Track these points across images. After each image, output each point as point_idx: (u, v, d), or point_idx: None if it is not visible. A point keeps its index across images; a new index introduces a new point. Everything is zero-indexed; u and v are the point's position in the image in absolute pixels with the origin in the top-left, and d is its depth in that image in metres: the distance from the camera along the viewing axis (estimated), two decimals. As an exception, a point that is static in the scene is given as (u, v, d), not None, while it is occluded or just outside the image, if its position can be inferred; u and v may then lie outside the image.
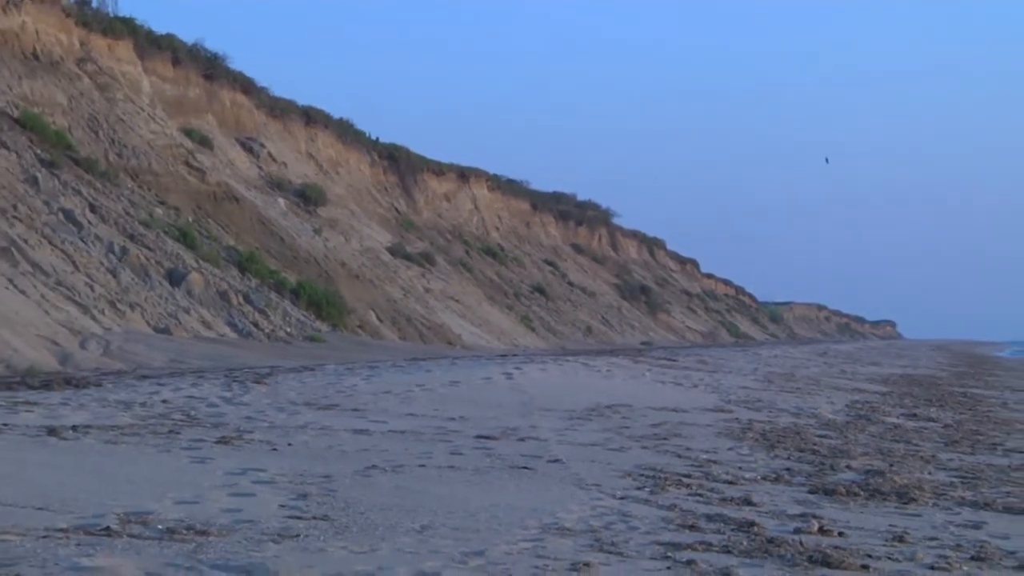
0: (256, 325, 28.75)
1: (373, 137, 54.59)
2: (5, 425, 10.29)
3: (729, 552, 6.77)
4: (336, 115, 51.81)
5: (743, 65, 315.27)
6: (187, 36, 43.82)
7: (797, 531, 7.53)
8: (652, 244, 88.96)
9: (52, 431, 10.10)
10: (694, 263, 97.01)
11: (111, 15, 38.94)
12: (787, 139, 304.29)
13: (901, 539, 7.51)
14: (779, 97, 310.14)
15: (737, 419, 15.48)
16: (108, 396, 13.46)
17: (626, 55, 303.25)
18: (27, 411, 11.43)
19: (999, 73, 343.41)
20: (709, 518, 7.84)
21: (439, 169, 58.85)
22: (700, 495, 8.87)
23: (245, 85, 45.60)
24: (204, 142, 39.85)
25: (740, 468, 10.62)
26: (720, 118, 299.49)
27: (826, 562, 6.59)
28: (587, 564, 6.15)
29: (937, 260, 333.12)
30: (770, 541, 7.11)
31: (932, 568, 6.68)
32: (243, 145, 43.63)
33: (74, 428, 10.39)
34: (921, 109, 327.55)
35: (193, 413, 12.24)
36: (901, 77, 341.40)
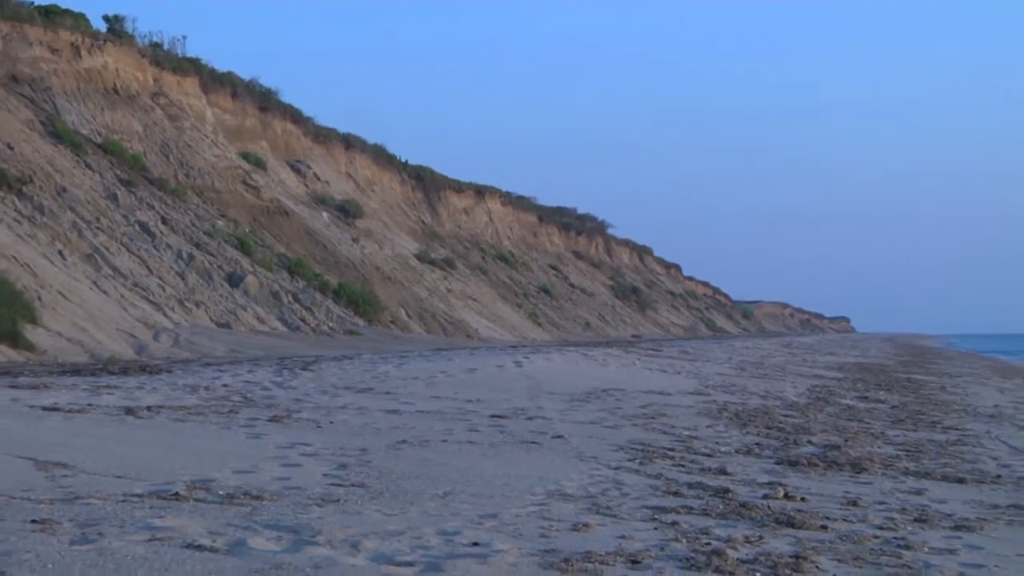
0: (303, 320, 28.77)
1: (403, 160, 54.65)
2: (90, 405, 10.32)
3: (707, 515, 6.76)
4: (371, 140, 51.96)
5: (723, 90, 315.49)
6: (244, 73, 44.00)
7: (766, 497, 7.51)
8: (641, 251, 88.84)
9: (129, 411, 10.12)
10: (678, 267, 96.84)
11: (180, 56, 39.10)
12: (759, 157, 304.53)
13: (855, 504, 7.50)
14: (754, 119, 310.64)
15: (714, 401, 15.44)
16: (177, 381, 13.49)
17: (621, 84, 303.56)
18: (108, 393, 11.46)
19: (942, 106, 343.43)
20: (690, 486, 7.83)
21: (459, 187, 58.85)
22: (682, 466, 8.85)
23: (294, 115, 45.69)
24: (259, 164, 39.93)
25: (717, 443, 10.60)
26: (700, 139, 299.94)
27: (790, 523, 6.58)
28: (586, 525, 6.14)
29: (887, 264, 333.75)
30: (742, 505, 7.10)
31: (881, 528, 6.67)
32: (292, 167, 43.68)
33: (148, 408, 10.41)
34: (875, 132, 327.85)
35: (249, 395, 12.26)
36: (861, 107, 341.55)
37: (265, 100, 43.75)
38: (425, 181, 55.27)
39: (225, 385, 13.28)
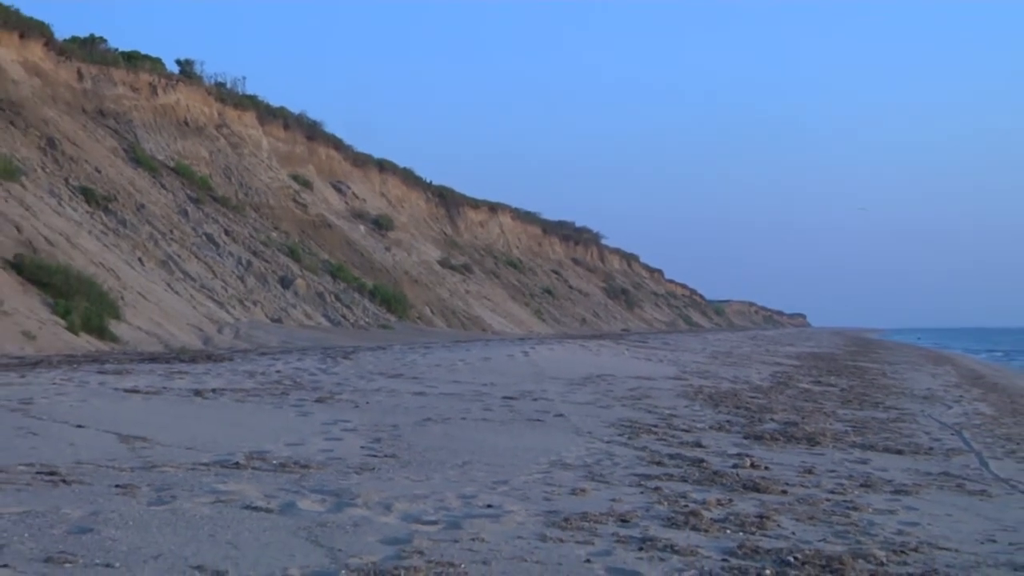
0: (344, 317, 28.80)
1: (428, 180, 54.64)
2: (164, 388, 10.35)
3: (685, 481, 6.75)
4: (401, 164, 51.95)
5: (704, 111, 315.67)
6: (295, 108, 44.11)
7: (735, 466, 7.50)
8: (629, 258, 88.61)
9: (197, 393, 10.14)
10: (660, 272, 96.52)
11: (240, 93, 39.17)
12: (731, 175, 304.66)
13: (810, 471, 7.49)
14: (730, 139, 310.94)
15: (691, 385, 15.42)
16: (237, 367, 13.50)
17: (614, 109, 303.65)
18: (180, 378, 11.49)
19: (890, 127, 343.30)
20: (671, 457, 7.82)
21: (475, 204, 58.82)
22: (664, 440, 8.84)
23: (336, 143, 45.71)
24: (306, 184, 39.97)
25: (693, 420, 10.58)
26: (682, 158, 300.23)
27: (756, 488, 6.57)
28: (583, 489, 6.15)
29: (837, 266, 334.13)
30: (715, 473, 7.09)
31: (832, 492, 6.66)
32: (334, 187, 43.72)
33: (213, 391, 10.43)
34: (833, 152, 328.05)
35: (298, 380, 12.27)
36: (833, 127, 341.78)
37: (312, 130, 43.80)
38: (447, 198, 55.28)
39: (278, 371, 13.30)
